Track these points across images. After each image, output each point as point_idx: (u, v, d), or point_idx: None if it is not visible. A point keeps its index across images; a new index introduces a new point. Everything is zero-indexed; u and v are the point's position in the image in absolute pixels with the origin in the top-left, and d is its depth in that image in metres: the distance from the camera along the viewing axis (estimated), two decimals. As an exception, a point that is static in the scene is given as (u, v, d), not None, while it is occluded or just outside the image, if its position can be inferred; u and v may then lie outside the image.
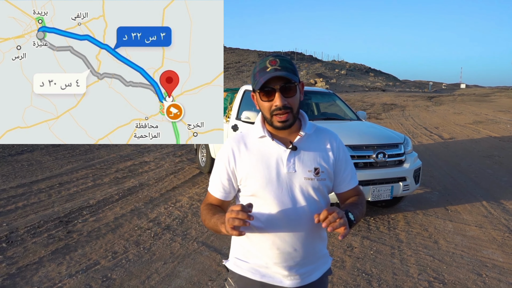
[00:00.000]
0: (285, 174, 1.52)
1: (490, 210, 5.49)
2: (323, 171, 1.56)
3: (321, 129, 1.67)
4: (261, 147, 1.56)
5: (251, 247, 1.58)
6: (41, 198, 5.85)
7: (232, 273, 1.65)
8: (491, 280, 3.55)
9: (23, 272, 3.60)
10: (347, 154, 1.66)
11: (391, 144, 4.86)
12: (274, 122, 1.52)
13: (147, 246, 4.22)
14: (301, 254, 1.54)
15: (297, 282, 1.56)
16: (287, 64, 1.49)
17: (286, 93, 1.48)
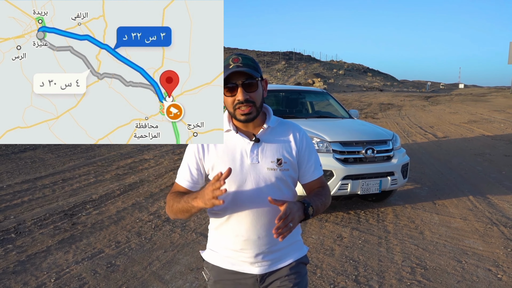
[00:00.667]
0: (249, 165, 1.60)
1: (476, 204, 5.75)
2: (285, 162, 1.62)
3: (285, 122, 1.74)
4: (227, 141, 1.64)
5: (220, 237, 1.67)
6: (45, 193, 6.09)
7: (206, 263, 1.74)
8: (469, 266, 3.80)
9: (32, 260, 3.85)
10: (310, 146, 1.71)
11: (379, 140, 5.12)
12: (237, 115, 1.59)
13: (148, 237, 4.46)
14: (266, 242, 1.60)
15: (265, 268, 1.64)
16: (249, 62, 1.59)
17: (248, 88, 1.57)
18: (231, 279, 1.66)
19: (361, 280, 3.52)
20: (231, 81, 1.55)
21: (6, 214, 5.10)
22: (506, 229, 4.78)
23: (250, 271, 1.63)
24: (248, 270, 1.63)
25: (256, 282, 1.65)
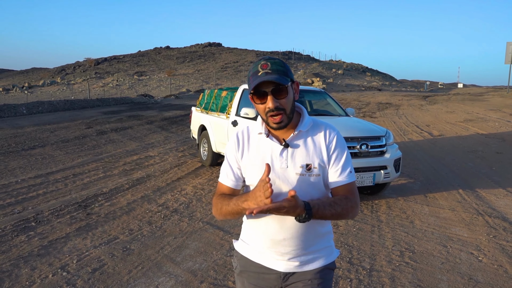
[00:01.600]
0: (278, 169, 1.59)
1: (464, 197, 6.11)
2: (315, 167, 1.59)
3: (320, 124, 1.69)
4: (259, 143, 1.66)
5: (251, 232, 1.70)
6: (58, 187, 6.44)
7: (236, 252, 1.79)
8: (453, 250, 4.16)
9: (54, 244, 4.20)
10: (341, 149, 1.65)
11: (373, 136, 5.48)
12: (270, 123, 1.59)
13: (159, 225, 4.82)
14: (291, 244, 1.61)
15: (291, 268, 1.64)
16: (278, 67, 1.55)
17: (277, 95, 1.54)
18: (256, 272, 1.69)
19: (354, 262, 3.88)
20: (261, 88, 1.54)
21: (24, 205, 5.46)
22: (490, 218, 5.14)
23: (275, 267, 1.65)
24: (274, 266, 1.65)
25: (279, 278, 1.66)
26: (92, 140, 11.06)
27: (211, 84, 50.64)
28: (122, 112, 19.40)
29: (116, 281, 3.44)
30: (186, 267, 3.72)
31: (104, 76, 66.35)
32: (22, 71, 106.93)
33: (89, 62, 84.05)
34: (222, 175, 1.72)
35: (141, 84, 52.83)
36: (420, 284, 3.46)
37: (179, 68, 72.77)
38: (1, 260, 3.80)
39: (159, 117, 17.38)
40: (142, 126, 14.27)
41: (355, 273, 3.65)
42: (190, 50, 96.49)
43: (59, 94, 41.27)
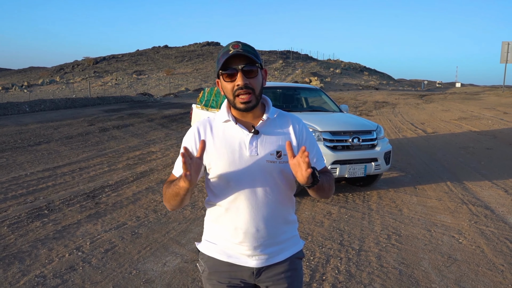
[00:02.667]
0: (248, 157, 1.57)
1: (452, 188, 6.46)
2: (285, 154, 1.58)
3: (285, 114, 1.72)
4: (226, 131, 1.61)
5: (218, 229, 1.65)
6: (66, 179, 6.76)
7: (202, 254, 1.71)
8: (437, 234, 4.51)
9: (67, 229, 4.53)
10: (311, 138, 1.69)
11: (365, 130, 5.82)
12: (237, 103, 1.56)
13: (163, 213, 5.15)
14: (264, 234, 1.58)
15: (262, 262, 1.62)
16: (249, 48, 1.56)
17: (248, 74, 1.54)
18: (226, 271, 1.64)
19: (345, 244, 4.22)
20: (231, 65, 1.54)
21: (36, 196, 5.78)
22: (474, 207, 5.49)
23: (247, 264, 1.62)
24: (245, 263, 1.62)
25: (252, 275, 1.64)
26: (95, 137, 11.38)
27: (210, 83, 50.95)
28: (122, 110, 19.72)
29: (128, 260, 3.78)
30: (190, 248, 4.06)
31: (103, 75, 66.58)
32: (20, 70, 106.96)
33: (87, 61, 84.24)
34: (176, 166, 1.66)
35: (140, 83, 53.12)
36: (404, 262, 3.81)
37: (177, 67, 73.03)
38: (20, 242, 4.13)
39: (159, 115, 17.70)
40: (143, 124, 14.58)
41: (345, 252, 3.99)
42: (189, 49, 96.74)
43: (59, 93, 41.52)
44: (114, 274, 3.48)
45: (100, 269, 3.59)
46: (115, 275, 3.48)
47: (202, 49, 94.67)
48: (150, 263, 3.71)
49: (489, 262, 3.81)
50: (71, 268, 3.59)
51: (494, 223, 4.88)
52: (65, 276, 3.45)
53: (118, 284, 3.32)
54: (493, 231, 4.62)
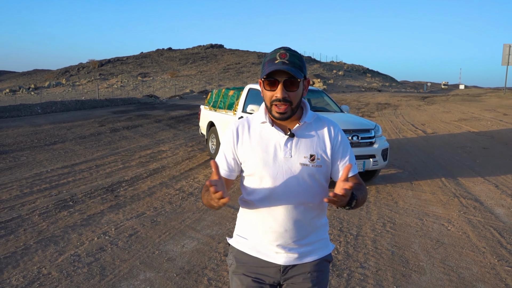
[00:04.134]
0: (282, 158, 1.60)
1: (446, 184, 6.89)
2: (318, 158, 1.61)
3: (322, 118, 1.73)
4: (262, 132, 1.66)
5: (249, 225, 1.70)
6: (84, 175, 7.25)
7: (232, 248, 1.77)
8: (428, 222, 4.96)
9: (92, 218, 5.01)
10: (345, 143, 1.69)
11: (364, 129, 6.28)
12: (272, 111, 1.60)
13: (178, 204, 5.62)
14: (292, 235, 1.62)
15: (290, 260, 1.66)
16: (296, 60, 1.56)
17: (288, 87, 1.56)
18: (254, 266, 1.69)
19: (344, 230, 4.68)
20: (274, 76, 1.56)
21: (59, 190, 6.26)
22: (464, 200, 5.93)
23: (275, 261, 1.65)
24: (273, 260, 1.66)
25: (278, 272, 1.67)
26: (106, 137, 11.87)
27: (214, 85, 51.50)
28: (130, 111, 20.24)
29: (150, 242, 4.24)
30: (205, 233, 4.52)
31: (108, 77, 67.28)
32: (24, 73, 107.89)
33: (92, 63, 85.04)
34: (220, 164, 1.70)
35: (145, 85, 53.72)
36: (396, 245, 4.26)
37: (181, 70, 73.67)
38: (52, 229, 4.61)
39: (166, 116, 18.20)
40: (151, 125, 15.08)
41: (344, 237, 4.45)
42: (193, 51, 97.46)
43: (66, 95, 42.15)
44: (140, 254, 3.95)
45: (127, 250, 4.06)
46: (140, 254, 3.94)
47: (206, 52, 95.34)
48: (170, 245, 4.18)
49: (472, 245, 4.25)
50: (101, 249, 4.06)
51: (481, 213, 5.32)
52: (97, 255, 3.92)
53: (144, 261, 3.79)
54: (479, 220, 5.06)
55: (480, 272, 3.66)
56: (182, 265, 3.72)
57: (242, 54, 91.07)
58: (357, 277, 3.54)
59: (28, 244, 4.15)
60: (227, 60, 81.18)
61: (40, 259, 3.82)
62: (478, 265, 3.79)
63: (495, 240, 4.39)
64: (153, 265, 3.71)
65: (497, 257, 3.97)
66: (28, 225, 4.70)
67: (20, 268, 3.62)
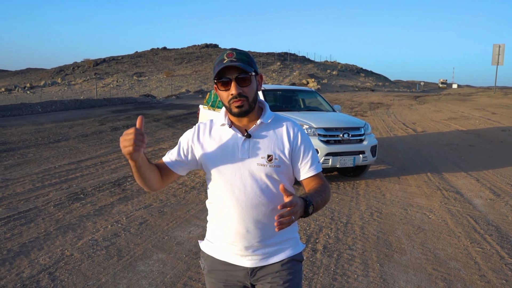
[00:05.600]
0: (239, 159, 1.62)
1: (431, 178, 7.38)
2: (276, 158, 1.62)
3: (281, 118, 1.74)
4: (222, 134, 1.68)
5: (215, 228, 1.71)
6: (91, 171, 7.66)
7: (202, 252, 1.79)
8: (411, 212, 5.43)
9: (104, 209, 5.43)
10: (306, 142, 1.70)
11: (354, 127, 6.75)
12: (232, 108, 1.61)
13: (182, 197, 6.06)
14: (255, 235, 1.62)
15: (256, 262, 1.66)
16: (243, 57, 1.60)
17: (241, 83, 1.58)
18: (223, 270, 1.70)
19: (335, 218, 5.14)
20: (225, 75, 1.59)
21: (69, 184, 6.68)
22: (447, 192, 6.42)
23: (241, 264, 1.66)
24: (239, 263, 1.67)
25: (247, 275, 1.68)
26: (108, 135, 12.27)
27: (209, 84, 51.86)
28: (128, 111, 20.62)
29: (159, 229, 4.68)
30: (208, 221, 4.97)
31: (103, 76, 67.43)
32: (17, 72, 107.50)
33: (87, 63, 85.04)
34: (167, 154, 1.74)
35: (140, 85, 53.99)
36: (381, 231, 4.73)
37: (177, 69, 73.95)
38: (68, 218, 5.03)
39: (164, 115, 18.60)
40: (150, 124, 15.48)
41: (335, 225, 4.91)
42: (188, 51, 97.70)
43: (62, 94, 42.35)
44: (151, 239, 4.39)
45: (139, 235, 4.50)
46: (151, 239, 4.38)
47: (201, 51, 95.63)
48: (178, 232, 4.62)
49: (450, 231, 4.73)
50: (115, 235, 4.50)
51: (461, 204, 5.81)
52: (112, 240, 4.36)
53: (156, 245, 4.23)
54: (458, 209, 5.55)
55: (454, 252, 4.14)
56: (190, 248, 4.17)
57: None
58: (345, 257, 4.00)
59: (48, 231, 4.57)
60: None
61: (61, 243, 4.25)
62: (453, 247, 4.26)
63: (470, 227, 4.88)
64: (164, 248, 4.15)
65: (470, 240, 4.45)
66: (45, 215, 5.12)
67: (44, 251, 4.05)
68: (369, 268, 3.77)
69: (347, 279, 3.55)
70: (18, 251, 4.03)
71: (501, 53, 33.63)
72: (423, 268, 3.78)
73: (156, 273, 3.62)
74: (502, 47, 33.97)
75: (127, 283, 3.42)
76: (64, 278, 3.50)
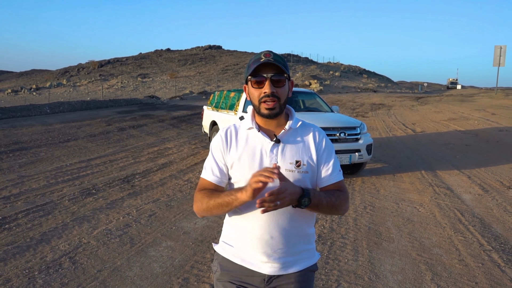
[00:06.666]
0: (268, 164, 1.60)
1: (424, 175, 7.74)
2: (304, 164, 1.62)
3: (307, 124, 1.75)
4: (249, 138, 1.67)
5: (235, 232, 1.69)
6: (101, 169, 8.06)
7: (217, 255, 1.76)
8: (403, 206, 5.80)
9: (115, 203, 5.83)
10: (330, 150, 1.70)
11: (350, 127, 7.12)
12: (261, 109, 1.62)
13: (187, 192, 6.44)
14: (278, 242, 1.60)
15: (275, 270, 1.64)
16: (279, 59, 1.62)
17: (276, 83, 1.59)
18: (238, 274, 1.68)
19: (330, 211, 5.51)
20: (260, 73, 1.60)
21: (81, 180, 7.08)
22: (438, 188, 6.77)
23: (259, 270, 1.64)
24: (258, 269, 1.64)
25: (262, 282, 1.66)
26: (115, 135, 12.69)
27: (213, 86, 52.33)
28: (134, 112, 21.07)
29: (167, 221, 5.07)
30: (213, 214, 5.35)
31: (108, 78, 68.06)
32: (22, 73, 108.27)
33: (92, 64, 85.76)
34: (207, 170, 1.70)
35: (145, 86, 54.54)
36: (373, 222, 5.10)
37: (180, 71, 74.49)
38: (82, 211, 5.43)
39: (168, 116, 19.02)
40: (155, 124, 15.90)
41: (330, 217, 5.28)
42: (191, 52, 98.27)
43: (67, 96, 42.90)
44: (160, 229, 4.78)
45: (149, 226, 4.89)
46: (160, 229, 4.77)
47: (205, 53, 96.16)
48: (185, 223, 5.00)
49: (436, 222, 5.10)
50: (127, 225, 4.89)
51: (450, 198, 6.17)
52: (125, 229, 4.75)
53: (165, 234, 4.62)
54: (447, 203, 5.90)
55: (438, 241, 4.50)
56: (196, 237, 4.55)
57: (240, 55, 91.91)
58: (338, 245, 4.37)
59: (65, 222, 4.97)
60: (225, 61, 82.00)
61: (78, 232, 4.65)
62: (437, 236, 4.63)
63: (456, 219, 5.24)
64: (172, 237, 4.54)
65: (455, 230, 4.82)
66: (61, 208, 5.52)
67: (63, 239, 4.45)
68: (359, 253, 4.14)
69: (338, 263, 3.92)
70: (40, 239, 4.43)
71: (503, 54, 33.86)
72: (408, 254, 4.14)
73: (165, 257, 4.00)
74: (504, 48, 34.21)
75: (140, 266, 3.81)
76: (84, 261, 3.89)
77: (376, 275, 3.69)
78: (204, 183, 1.69)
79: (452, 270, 3.80)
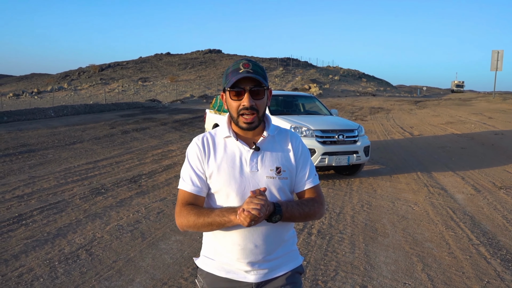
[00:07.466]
0: (248, 173, 1.59)
1: (420, 176, 8.04)
2: (284, 170, 1.63)
3: (284, 130, 1.75)
4: (227, 147, 1.64)
5: (216, 245, 1.65)
6: (108, 170, 8.35)
7: (200, 270, 1.73)
8: (398, 204, 6.09)
9: (124, 201, 6.12)
10: (306, 155, 1.72)
11: (348, 129, 7.43)
12: (240, 122, 1.60)
13: (193, 192, 6.73)
14: (262, 250, 1.60)
15: (261, 277, 1.64)
16: (259, 69, 1.59)
17: (254, 95, 1.58)
18: (225, 287, 1.66)
19: (329, 209, 5.80)
20: (240, 85, 1.57)
21: (90, 181, 7.37)
22: (432, 188, 7.07)
23: (246, 279, 1.63)
24: (244, 278, 1.63)
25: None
26: (119, 138, 13.00)
27: (213, 89, 52.67)
28: (136, 115, 21.38)
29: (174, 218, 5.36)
30: (218, 211, 5.65)
31: (109, 82, 68.44)
32: (22, 77, 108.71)
33: (93, 68, 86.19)
34: (185, 181, 1.64)
35: (145, 90, 54.91)
36: (369, 219, 5.39)
37: (181, 74, 74.91)
38: (94, 208, 5.72)
39: (170, 119, 19.33)
40: (158, 127, 16.21)
41: (329, 214, 5.58)
42: (191, 56, 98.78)
43: (69, 99, 43.23)
44: (168, 225, 5.07)
45: (158, 222, 5.18)
46: (169, 225, 5.07)
47: (205, 57, 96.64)
48: (191, 219, 5.29)
49: (429, 219, 5.39)
50: (137, 222, 5.18)
51: (443, 198, 6.46)
52: (135, 225, 5.04)
53: (173, 229, 4.91)
54: (440, 202, 6.20)
55: (430, 236, 4.80)
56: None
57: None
58: (336, 239, 4.67)
59: (78, 218, 5.27)
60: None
61: (92, 228, 4.94)
62: (430, 232, 4.93)
63: (448, 216, 5.54)
64: (181, 232, 4.83)
65: (446, 227, 5.11)
66: (73, 206, 5.81)
67: (78, 233, 4.74)
68: (356, 247, 4.44)
69: (336, 255, 4.22)
70: (56, 233, 4.72)
71: (500, 58, 34.23)
72: (401, 247, 4.44)
73: (175, 250, 4.30)
74: (501, 53, 34.58)
75: (152, 257, 4.10)
76: (99, 253, 4.18)
77: (371, 266, 3.98)
78: (185, 195, 1.64)
79: (442, 262, 4.09)
